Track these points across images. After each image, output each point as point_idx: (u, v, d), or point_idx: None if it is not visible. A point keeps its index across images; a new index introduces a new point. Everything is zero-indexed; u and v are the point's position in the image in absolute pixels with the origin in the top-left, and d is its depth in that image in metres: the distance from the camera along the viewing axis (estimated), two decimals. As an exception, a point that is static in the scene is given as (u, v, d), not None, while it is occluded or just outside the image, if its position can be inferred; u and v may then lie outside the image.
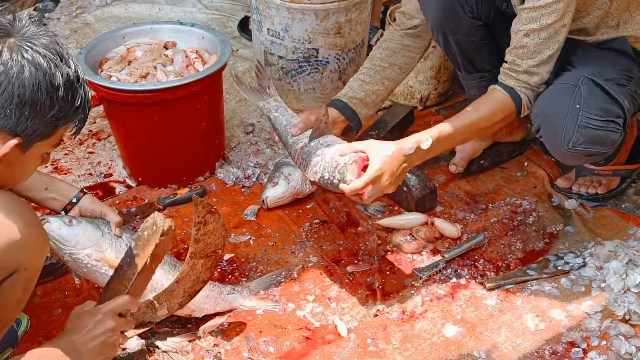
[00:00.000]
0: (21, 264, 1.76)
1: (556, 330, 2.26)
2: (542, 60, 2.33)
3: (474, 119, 2.37)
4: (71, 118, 1.74)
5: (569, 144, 2.37)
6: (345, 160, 2.22)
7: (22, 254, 1.75)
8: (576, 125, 2.35)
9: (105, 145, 3.12)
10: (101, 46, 2.87)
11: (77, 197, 2.24)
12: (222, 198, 2.82)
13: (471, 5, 2.58)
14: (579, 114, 2.34)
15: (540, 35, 2.29)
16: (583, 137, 2.35)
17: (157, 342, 2.18)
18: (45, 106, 1.67)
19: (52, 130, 1.72)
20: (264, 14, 3.14)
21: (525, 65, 2.35)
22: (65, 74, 1.68)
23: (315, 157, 2.32)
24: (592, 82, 2.38)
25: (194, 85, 2.64)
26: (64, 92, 1.68)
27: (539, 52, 2.32)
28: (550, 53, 2.32)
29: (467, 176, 2.88)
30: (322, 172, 2.27)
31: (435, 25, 2.63)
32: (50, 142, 1.75)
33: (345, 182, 2.20)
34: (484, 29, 2.62)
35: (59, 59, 1.68)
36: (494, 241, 2.58)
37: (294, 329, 2.28)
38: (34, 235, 1.76)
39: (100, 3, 4.23)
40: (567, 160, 2.59)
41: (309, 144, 2.40)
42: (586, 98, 2.35)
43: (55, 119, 1.70)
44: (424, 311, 2.33)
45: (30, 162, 1.77)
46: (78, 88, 1.73)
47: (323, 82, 3.25)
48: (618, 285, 2.36)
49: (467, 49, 2.64)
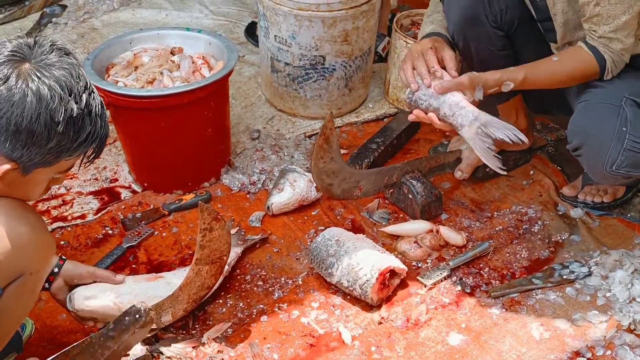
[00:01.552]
0: (27, 269, 1.76)
1: (561, 340, 2.25)
2: (618, 25, 2.33)
3: (557, 71, 2.43)
4: (75, 152, 1.73)
5: (612, 166, 2.37)
6: (367, 276, 2.31)
7: (28, 258, 1.75)
8: (622, 148, 2.35)
9: (111, 151, 3.13)
10: (108, 51, 2.87)
11: (58, 266, 2.17)
12: (227, 204, 2.82)
13: (495, 14, 2.58)
14: (626, 137, 2.34)
15: (610, 1, 2.29)
16: (627, 160, 2.36)
17: (161, 348, 2.18)
18: (42, 138, 1.65)
19: (54, 160, 1.71)
20: (271, 20, 3.15)
21: (601, 31, 2.35)
22: (70, 109, 1.66)
23: (330, 258, 2.40)
24: (634, 103, 2.38)
25: (201, 91, 2.65)
26: (64, 127, 1.66)
27: (614, 18, 2.32)
28: (625, 19, 2.32)
29: (473, 184, 2.88)
30: (339, 278, 2.36)
31: (456, 30, 2.63)
32: (54, 170, 1.75)
33: (367, 299, 2.32)
34: (505, 39, 2.62)
35: (67, 93, 1.66)
36: (499, 249, 2.58)
37: (298, 335, 2.28)
38: (39, 240, 1.77)
39: (107, 8, 4.24)
40: (604, 181, 2.61)
41: (316, 239, 2.48)
42: (632, 120, 2.35)
43: (56, 151, 1.69)
44: (429, 319, 2.32)
45: (34, 184, 1.77)
46: (85, 124, 1.71)
47: (329, 90, 3.25)
48: (623, 295, 2.36)
49: (485, 57, 2.64)
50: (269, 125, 3.29)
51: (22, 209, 1.76)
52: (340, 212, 2.77)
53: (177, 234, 2.68)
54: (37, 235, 1.75)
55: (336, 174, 2.58)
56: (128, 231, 2.67)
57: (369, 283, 2.30)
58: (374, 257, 2.36)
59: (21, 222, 1.73)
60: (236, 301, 2.40)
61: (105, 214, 2.78)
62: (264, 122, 3.31)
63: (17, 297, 1.77)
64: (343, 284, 2.36)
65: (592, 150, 2.41)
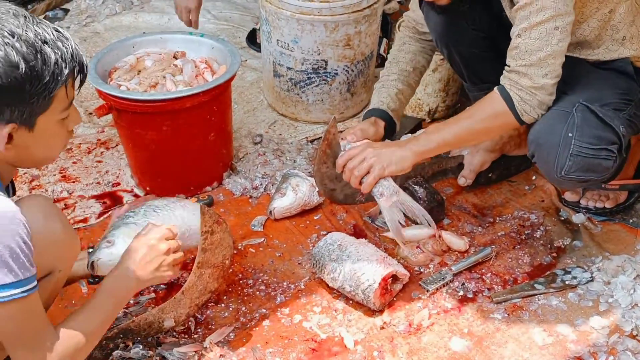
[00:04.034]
0: (57, 266, 1.78)
1: (563, 345, 2.25)
2: (532, 61, 2.29)
3: (465, 117, 2.44)
4: (58, 81, 1.65)
5: (561, 172, 2.38)
6: (370, 281, 2.31)
7: (60, 255, 1.78)
8: (568, 153, 2.35)
9: (113, 154, 3.13)
10: (111, 55, 2.87)
11: None
12: (229, 208, 2.82)
13: (473, 17, 2.60)
14: (572, 143, 2.35)
15: (531, 35, 2.27)
16: (575, 165, 2.36)
17: (163, 353, 2.18)
18: (14, 87, 1.59)
19: (47, 101, 1.65)
20: (273, 25, 3.15)
21: (514, 64, 2.33)
22: (19, 47, 1.58)
23: (332, 263, 2.39)
24: (586, 108, 2.37)
25: (203, 95, 2.65)
26: (26, 66, 1.59)
27: (530, 53, 2.29)
28: (540, 55, 2.28)
29: (475, 189, 2.88)
30: (342, 283, 2.36)
31: (438, 38, 2.66)
32: (55, 110, 1.69)
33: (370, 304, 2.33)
34: (487, 40, 2.63)
35: (8, 34, 1.59)
36: (502, 255, 2.58)
37: (301, 340, 2.28)
38: (69, 238, 1.79)
39: (109, 12, 4.25)
40: (562, 186, 2.65)
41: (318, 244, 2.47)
42: (579, 126, 2.35)
43: (39, 90, 1.63)
44: (431, 324, 2.32)
45: (49, 134, 1.72)
46: (46, 52, 1.62)
47: (332, 94, 3.25)
48: (626, 301, 2.36)
49: (471, 61, 2.66)
50: (271, 130, 3.29)
51: (52, 207, 1.78)
52: (343, 217, 2.77)
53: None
54: (68, 234, 1.79)
55: (339, 179, 2.57)
56: (130, 235, 2.67)
57: (371, 288, 2.30)
58: (376, 262, 2.36)
59: (55, 219, 1.74)
60: (238, 305, 2.40)
61: (108, 218, 2.78)
62: (266, 127, 3.31)
63: (42, 294, 1.78)
64: (345, 289, 2.36)
65: (543, 157, 2.43)
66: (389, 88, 2.73)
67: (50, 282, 1.80)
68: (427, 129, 2.53)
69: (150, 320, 2.16)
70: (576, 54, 2.48)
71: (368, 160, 2.41)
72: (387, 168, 2.41)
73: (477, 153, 2.79)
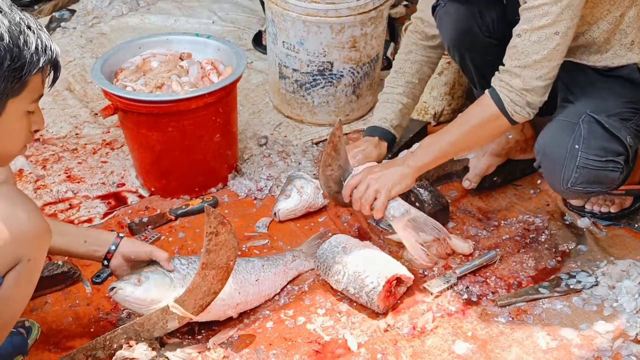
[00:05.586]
0: (25, 255, 1.77)
1: (567, 349, 2.24)
2: (527, 63, 2.29)
3: (458, 124, 2.47)
4: (36, 64, 1.66)
5: (567, 183, 2.38)
6: (374, 284, 2.31)
7: (26, 244, 1.76)
8: (575, 165, 2.35)
9: (118, 155, 3.13)
10: (117, 56, 2.88)
11: (115, 244, 2.21)
12: (234, 210, 2.82)
13: (487, 24, 2.60)
14: (578, 155, 2.34)
15: (531, 38, 2.27)
16: (582, 177, 2.36)
17: (166, 353, 2.17)
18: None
19: (20, 85, 1.66)
20: (279, 26, 3.15)
21: (508, 64, 2.33)
22: (7, 21, 1.61)
23: (336, 265, 2.39)
24: (593, 119, 2.36)
25: (209, 97, 2.65)
26: (10, 38, 1.60)
27: (526, 55, 2.29)
28: (536, 58, 2.28)
29: (480, 192, 2.88)
30: (346, 285, 2.36)
31: (451, 44, 2.66)
32: (26, 98, 1.69)
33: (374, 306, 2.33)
34: (500, 47, 2.62)
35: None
36: (506, 258, 2.57)
37: (304, 342, 2.27)
38: (37, 226, 1.77)
39: (116, 13, 4.26)
40: (568, 197, 2.65)
41: (323, 246, 2.47)
42: (586, 138, 2.34)
43: (17, 68, 1.63)
44: (435, 327, 2.32)
45: (12, 126, 1.72)
46: (27, 34, 1.64)
47: (337, 96, 3.25)
48: (630, 305, 2.35)
49: (483, 68, 2.64)
50: (276, 132, 3.29)
51: (18, 196, 1.76)
52: (347, 219, 2.77)
53: (184, 239, 2.68)
54: (35, 221, 1.76)
55: (344, 182, 2.58)
56: (135, 235, 2.67)
57: (375, 290, 2.30)
58: (381, 264, 2.36)
59: (19, 208, 1.73)
60: (242, 307, 2.40)
61: (112, 218, 2.79)
62: (271, 129, 3.31)
63: (16, 285, 1.78)
64: (349, 291, 2.36)
65: (549, 168, 2.43)
66: (393, 104, 2.77)
67: (22, 272, 1.79)
68: (422, 142, 2.54)
69: (154, 321, 2.16)
70: (584, 60, 2.47)
71: (372, 187, 2.48)
72: (393, 189, 2.48)
73: (482, 157, 2.79)
